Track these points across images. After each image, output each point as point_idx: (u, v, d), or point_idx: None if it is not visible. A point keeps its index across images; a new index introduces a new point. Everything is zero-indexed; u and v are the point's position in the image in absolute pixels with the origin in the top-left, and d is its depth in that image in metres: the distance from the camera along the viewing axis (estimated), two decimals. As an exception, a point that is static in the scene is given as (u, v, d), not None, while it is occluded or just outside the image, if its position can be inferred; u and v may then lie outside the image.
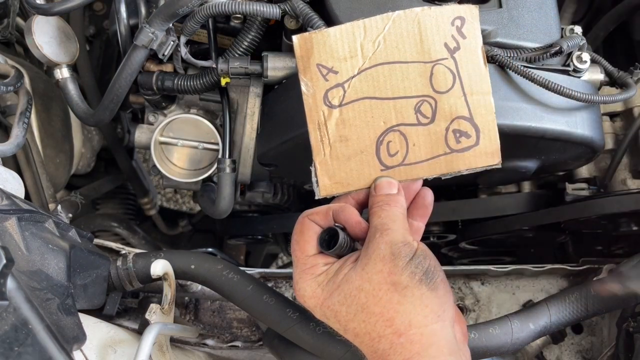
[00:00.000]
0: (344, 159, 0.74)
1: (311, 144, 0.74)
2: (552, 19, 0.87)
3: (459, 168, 0.74)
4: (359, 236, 0.72)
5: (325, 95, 0.73)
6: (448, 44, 0.72)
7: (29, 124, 0.94)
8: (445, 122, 0.73)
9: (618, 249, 1.21)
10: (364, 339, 0.66)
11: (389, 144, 0.73)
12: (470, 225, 1.24)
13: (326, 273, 0.70)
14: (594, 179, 1.10)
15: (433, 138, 0.73)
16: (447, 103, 0.73)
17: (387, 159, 0.74)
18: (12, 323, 0.58)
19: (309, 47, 0.72)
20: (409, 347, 0.63)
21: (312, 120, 0.73)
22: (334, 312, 0.68)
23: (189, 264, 0.87)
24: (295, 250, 0.73)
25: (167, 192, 2.39)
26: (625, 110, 1.06)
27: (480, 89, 0.73)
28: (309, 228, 0.73)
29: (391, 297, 0.65)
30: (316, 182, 0.75)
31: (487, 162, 0.74)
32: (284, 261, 2.15)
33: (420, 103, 0.73)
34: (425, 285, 0.65)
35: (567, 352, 1.11)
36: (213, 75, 0.92)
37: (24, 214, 0.72)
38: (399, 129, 0.73)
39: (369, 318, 0.65)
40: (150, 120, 1.08)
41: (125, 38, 0.93)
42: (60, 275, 0.73)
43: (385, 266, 0.66)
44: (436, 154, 0.73)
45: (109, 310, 0.87)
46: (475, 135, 0.73)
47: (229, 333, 1.11)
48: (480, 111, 0.73)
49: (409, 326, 0.64)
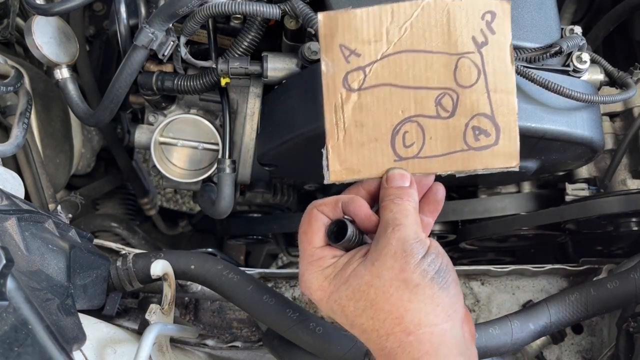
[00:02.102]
0: (357, 145, 0.71)
1: (325, 126, 0.71)
2: (552, 19, 0.87)
3: (475, 167, 0.72)
4: (369, 229, 0.71)
5: (345, 77, 0.70)
6: (476, 38, 0.70)
7: (28, 124, 0.94)
8: (465, 117, 0.71)
9: (618, 249, 1.21)
10: (372, 336, 0.65)
11: (405, 134, 0.71)
12: (470, 225, 1.24)
13: (334, 266, 0.68)
14: (594, 179, 1.10)
15: (451, 133, 0.71)
16: (469, 98, 0.70)
17: (401, 150, 0.71)
18: (12, 323, 0.58)
19: (333, 26, 0.70)
20: (418, 346, 0.62)
21: (329, 102, 0.71)
22: (341, 306, 0.66)
23: (189, 264, 0.87)
24: (303, 241, 0.71)
25: (167, 192, 2.39)
26: (625, 111, 1.06)
27: (504, 87, 0.71)
28: (317, 219, 0.71)
29: (402, 294, 0.63)
30: (327, 166, 0.72)
31: (505, 164, 0.72)
32: (284, 261, 2.15)
33: (441, 95, 0.70)
34: (437, 284, 0.64)
35: (567, 352, 1.11)
36: (213, 76, 0.92)
37: (23, 214, 0.72)
38: (417, 120, 0.71)
39: (377, 315, 0.64)
40: (150, 121, 1.08)
41: (125, 38, 0.93)
42: (60, 275, 0.73)
43: (397, 263, 0.64)
44: (453, 149, 0.71)
45: (108, 310, 0.87)
46: (495, 134, 0.71)
47: (228, 333, 1.11)
48: (503, 110, 0.71)
49: (419, 325, 0.62)
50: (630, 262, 0.95)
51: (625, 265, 0.97)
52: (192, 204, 2.34)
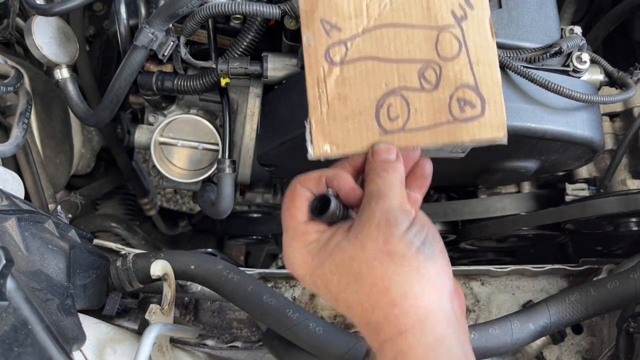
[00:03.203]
0: (342, 120, 0.71)
1: (308, 100, 0.71)
2: (552, 19, 0.87)
3: (462, 138, 0.71)
4: (353, 203, 0.69)
5: (327, 51, 0.71)
6: (455, 12, 0.71)
7: (28, 125, 0.94)
8: (449, 89, 0.71)
9: (618, 249, 1.21)
10: (357, 310, 0.62)
11: (389, 107, 0.71)
12: (470, 225, 1.24)
13: (317, 241, 0.66)
14: (593, 179, 1.10)
15: (436, 105, 0.71)
16: (452, 70, 0.71)
17: (386, 123, 0.71)
18: (12, 323, 0.58)
19: (313, 2, 0.71)
20: (404, 319, 0.59)
21: (311, 75, 0.71)
22: (325, 281, 0.64)
23: (189, 264, 0.87)
24: (286, 217, 0.69)
25: (167, 192, 2.39)
26: (625, 111, 1.06)
27: (487, 59, 0.71)
28: (300, 194, 0.69)
29: (386, 267, 0.61)
30: (310, 140, 0.71)
31: (492, 135, 0.71)
32: (284, 261, 2.15)
33: (424, 68, 0.71)
34: (423, 255, 0.61)
35: (567, 352, 1.11)
36: (213, 76, 0.92)
37: (23, 215, 0.72)
38: (401, 92, 0.71)
39: (361, 288, 0.62)
40: (150, 121, 1.08)
41: (125, 38, 0.93)
42: (60, 275, 0.73)
43: (380, 234, 0.62)
44: (439, 121, 0.70)
45: (108, 310, 0.87)
46: (480, 105, 0.70)
47: (228, 333, 1.11)
48: (487, 82, 0.71)
49: (404, 297, 0.60)
50: (630, 262, 0.95)
51: (625, 265, 0.97)
52: (192, 204, 2.34)
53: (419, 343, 0.58)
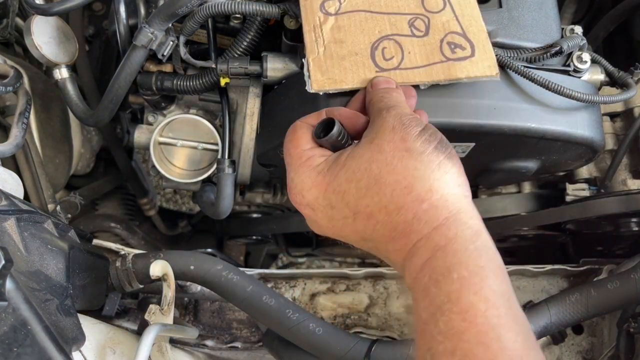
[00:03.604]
0: (338, 58, 0.74)
1: (305, 44, 0.75)
2: (553, 19, 0.87)
3: (458, 75, 0.74)
4: (357, 128, 0.67)
5: (322, 4, 0.76)
6: None
7: (28, 125, 0.94)
8: (439, 35, 0.76)
9: (619, 249, 1.21)
10: (380, 217, 0.58)
11: (384, 49, 0.74)
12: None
13: (326, 161, 0.64)
14: (594, 179, 1.10)
15: (428, 48, 0.75)
16: (440, 20, 0.76)
17: (382, 62, 0.74)
18: (11, 324, 0.58)
19: None
20: (435, 212, 0.56)
21: (307, 23, 0.76)
22: (341, 193, 0.61)
23: (189, 264, 0.87)
24: (289, 148, 0.67)
25: (166, 192, 2.39)
26: (625, 111, 1.06)
27: (470, 14, 0.77)
28: (301, 127, 0.68)
29: (407, 163, 0.58)
30: (308, 76, 0.73)
31: (485, 72, 0.74)
32: (283, 262, 2.14)
33: (413, 19, 0.76)
34: (442, 153, 0.59)
35: (567, 352, 1.11)
36: (212, 76, 0.92)
37: (23, 215, 0.72)
38: (394, 37, 0.75)
39: (383, 189, 0.58)
40: (150, 121, 1.08)
41: (124, 38, 0.92)
42: (60, 275, 0.73)
43: (397, 135, 0.60)
44: (432, 61, 0.74)
45: (108, 311, 0.87)
46: (470, 48, 0.75)
47: (228, 334, 1.10)
48: (473, 30, 0.76)
49: (430, 191, 0.57)
50: (631, 262, 0.95)
51: (625, 265, 0.97)
52: (192, 204, 2.34)
53: (457, 235, 0.54)
